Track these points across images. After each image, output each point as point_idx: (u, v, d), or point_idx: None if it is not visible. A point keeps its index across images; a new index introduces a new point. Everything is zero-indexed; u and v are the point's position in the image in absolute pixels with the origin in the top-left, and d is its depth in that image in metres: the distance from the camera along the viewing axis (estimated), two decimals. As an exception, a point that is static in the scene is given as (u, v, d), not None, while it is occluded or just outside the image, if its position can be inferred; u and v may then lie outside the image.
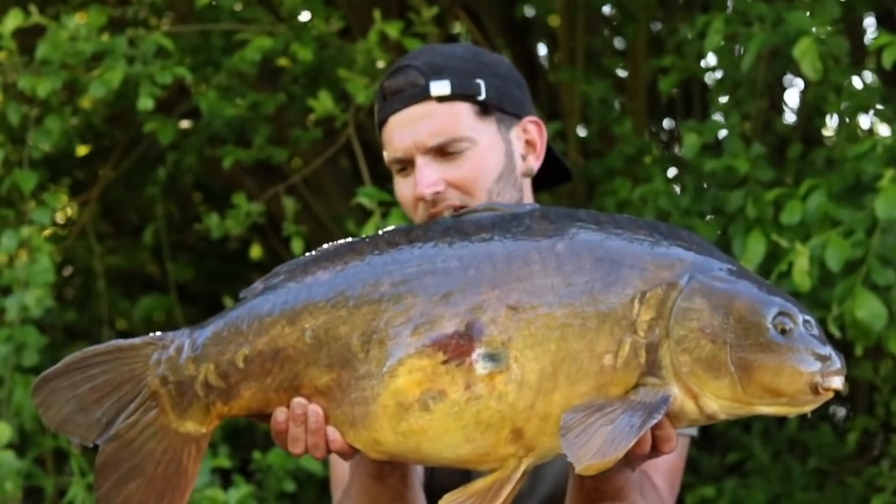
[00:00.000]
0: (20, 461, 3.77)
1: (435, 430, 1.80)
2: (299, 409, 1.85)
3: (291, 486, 3.96)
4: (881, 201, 3.00)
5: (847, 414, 4.78)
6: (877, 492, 3.85)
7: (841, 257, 3.03)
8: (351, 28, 4.46)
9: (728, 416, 1.82)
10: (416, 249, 1.85)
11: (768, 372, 1.76)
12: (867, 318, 3.00)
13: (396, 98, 2.27)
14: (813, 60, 3.18)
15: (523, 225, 1.84)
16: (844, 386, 1.84)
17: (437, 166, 2.24)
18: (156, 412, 1.88)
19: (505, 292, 1.79)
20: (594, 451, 1.71)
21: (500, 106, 2.30)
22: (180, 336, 1.90)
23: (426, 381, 1.79)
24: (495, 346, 1.78)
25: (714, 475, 4.36)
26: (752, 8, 3.47)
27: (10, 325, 3.86)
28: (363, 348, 1.82)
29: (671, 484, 2.30)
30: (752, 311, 1.78)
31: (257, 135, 4.24)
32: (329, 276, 1.86)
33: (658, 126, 5.08)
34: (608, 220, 1.85)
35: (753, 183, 3.49)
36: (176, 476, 1.88)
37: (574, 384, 1.77)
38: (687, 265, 1.81)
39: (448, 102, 2.25)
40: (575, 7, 4.52)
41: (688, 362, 1.77)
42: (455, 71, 2.27)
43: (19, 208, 4.08)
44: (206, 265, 5.24)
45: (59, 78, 3.84)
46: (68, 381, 1.87)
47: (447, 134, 2.24)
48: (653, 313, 1.78)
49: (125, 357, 1.89)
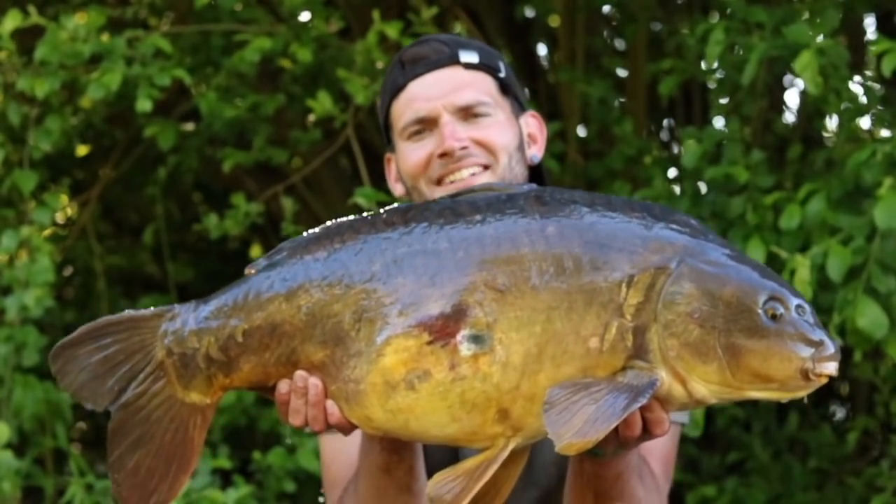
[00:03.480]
0: (18, 461, 3.77)
1: (421, 408, 1.82)
2: (300, 382, 1.88)
3: (291, 487, 3.96)
4: (880, 209, 2.99)
5: (847, 414, 4.78)
6: (877, 492, 3.85)
7: (842, 266, 3.03)
8: (350, 28, 4.46)
9: (718, 401, 1.81)
10: (410, 230, 1.86)
11: (757, 357, 1.75)
12: (868, 326, 2.99)
13: (420, 64, 2.31)
14: (814, 75, 3.18)
15: (516, 206, 1.85)
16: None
17: (462, 126, 2.27)
18: (163, 382, 1.93)
19: (492, 274, 1.81)
20: (575, 430, 1.71)
21: (514, 91, 2.35)
22: (186, 309, 1.94)
23: (411, 361, 1.81)
24: (480, 327, 1.79)
25: (714, 475, 4.36)
26: (751, 15, 3.47)
27: (10, 325, 3.87)
28: (355, 326, 1.84)
29: (665, 470, 2.30)
30: (742, 295, 1.77)
31: (257, 136, 4.24)
32: (327, 255, 1.88)
33: (658, 126, 5.08)
34: (603, 202, 1.85)
35: (753, 189, 3.49)
36: (182, 444, 1.93)
37: (559, 366, 1.78)
38: (678, 249, 1.80)
39: (474, 70, 2.30)
40: (575, 7, 4.52)
41: (675, 346, 1.77)
42: (480, 47, 2.35)
43: (19, 208, 4.08)
44: (205, 265, 5.24)
45: (57, 79, 3.84)
46: (83, 349, 1.93)
47: (477, 96, 2.28)
48: (641, 297, 1.78)
49: (136, 328, 1.94)
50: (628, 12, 4.52)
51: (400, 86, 2.33)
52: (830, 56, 3.26)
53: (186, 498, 3.54)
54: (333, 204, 4.67)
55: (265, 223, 4.50)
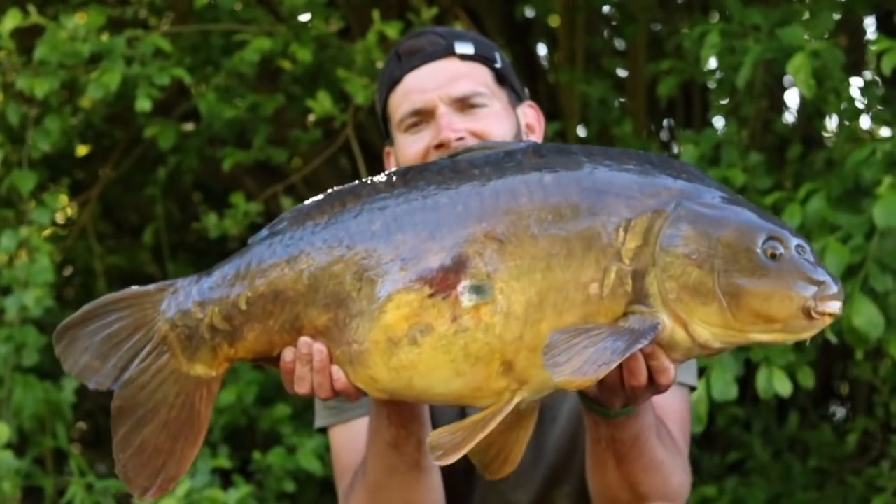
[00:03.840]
0: (18, 461, 3.77)
1: (425, 364, 1.82)
2: (305, 349, 1.89)
3: (291, 487, 3.96)
4: (879, 208, 3.00)
5: (847, 414, 4.78)
6: (877, 492, 3.85)
7: (840, 263, 3.03)
8: (350, 28, 4.46)
9: (723, 345, 1.80)
10: (410, 188, 1.88)
11: (757, 297, 1.75)
12: (864, 326, 2.99)
13: (416, 56, 2.33)
14: (807, 77, 3.18)
15: (514, 160, 1.86)
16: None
17: (458, 117, 2.29)
18: (167, 357, 1.94)
19: (491, 225, 1.81)
20: (575, 369, 1.71)
21: (511, 81, 2.37)
22: (188, 282, 1.95)
23: (413, 316, 1.82)
24: (480, 278, 1.80)
25: (715, 474, 4.36)
26: (747, 17, 3.46)
27: (9, 325, 3.87)
28: (356, 287, 1.85)
29: (683, 430, 2.31)
30: (740, 236, 1.77)
31: (257, 135, 4.24)
32: (327, 219, 1.90)
33: (658, 126, 5.08)
34: (599, 152, 1.86)
35: (751, 192, 3.49)
36: (189, 419, 1.93)
37: (561, 314, 1.79)
38: (674, 193, 1.80)
39: (470, 62, 2.33)
40: (575, 7, 4.52)
41: (674, 289, 1.76)
42: (475, 38, 2.37)
43: (19, 208, 4.08)
44: (205, 265, 5.20)
45: (57, 78, 3.84)
46: (86, 329, 1.94)
47: (472, 87, 2.30)
48: (639, 241, 1.78)
49: (139, 304, 1.95)
50: (628, 12, 4.52)
51: (396, 78, 2.35)
52: (825, 58, 3.26)
53: (187, 498, 3.54)
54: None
55: (264, 223, 4.49)
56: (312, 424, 2.28)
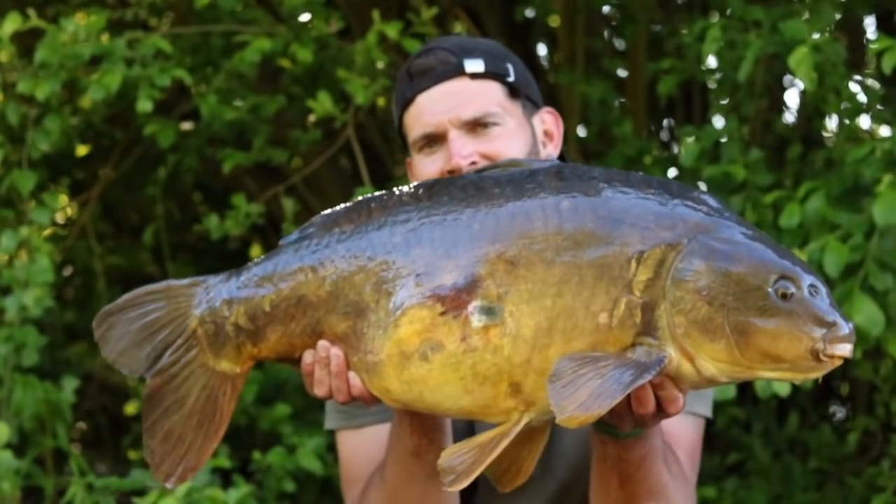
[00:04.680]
0: (18, 461, 3.77)
1: (435, 380, 1.84)
2: (323, 352, 1.92)
3: (291, 486, 3.96)
4: (879, 206, 3.00)
5: (847, 414, 4.78)
6: (877, 492, 3.85)
7: (839, 262, 3.03)
8: (350, 28, 4.45)
9: (730, 380, 1.80)
10: (433, 203, 1.90)
11: (766, 336, 1.74)
12: (865, 323, 2.99)
13: (427, 76, 2.32)
14: (808, 70, 3.18)
15: (535, 182, 1.87)
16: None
17: (470, 140, 2.29)
18: (196, 351, 1.99)
19: (504, 247, 1.82)
20: (579, 404, 1.71)
21: (525, 92, 2.36)
22: (219, 279, 2.00)
23: (425, 332, 1.84)
24: (491, 299, 1.81)
25: (715, 475, 4.36)
26: (749, 13, 3.47)
27: (9, 325, 3.86)
28: (375, 298, 1.88)
29: (692, 459, 2.31)
30: (752, 274, 1.76)
31: (257, 136, 4.24)
32: (353, 228, 1.93)
33: (658, 126, 5.08)
34: (620, 178, 1.86)
35: (752, 187, 3.49)
36: (212, 412, 1.99)
37: (569, 341, 1.79)
38: (690, 226, 1.80)
39: (481, 80, 2.32)
40: (575, 8, 4.52)
41: (683, 324, 1.76)
42: (486, 52, 2.35)
43: (19, 208, 4.08)
44: (206, 265, 5.22)
45: (57, 80, 3.84)
46: (125, 316, 2.00)
47: (483, 108, 2.29)
48: (650, 273, 1.78)
49: (174, 296, 2.00)
50: (628, 13, 4.52)
51: (409, 99, 2.35)
52: (827, 53, 3.26)
53: (187, 497, 3.54)
54: (334, 204, 4.63)
55: (265, 223, 4.49)
56: (313, 424, 2.30)
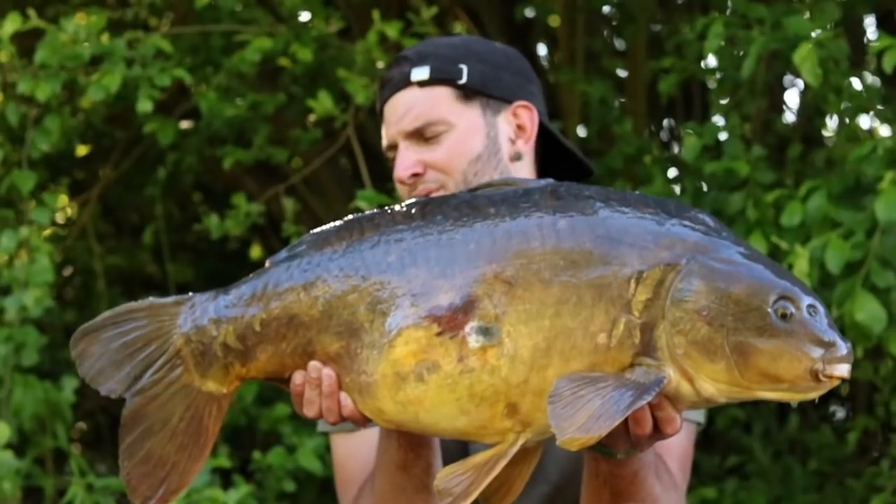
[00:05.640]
0: (18, 461, 3.77)
1: (430, 401, 1.82)
2: (314, 373, 1.89)
3: (291, 487, 3.96)
4: (881, 203, 3.00)
5: (847, 414, 4.78)
6: (877, 492, 3.85)
7: (841, 259, 3.03)
8: (350, 28, 4.46)
9: (729, 400, 1.79)
10: (426, 222, 1.88)
11: (765, 357, 1.73)
12: (867, 320, 2.99)
13: (387, 87, 2.37)
14: (813, 66, 3.18)
15: (531, 201, 1.85)
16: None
17: (417, 149, 2.31)
18: (180, 370, 1.93)
19: (501, 267, 1.80)
20: (578, 426, 1.69)
21: (484, 91, 2.35)
22: (206, 298, 1.95)
23: (421, 353, 1.81)
24: (488, 319, 1.79)
25: (715, 476, 4.36)
26: (751, 10, 3.47)
27: (9, 325, 3.86)
28: (369, 318, 1.85)
29: (683, 468, 2.30)
30: (751, 294, 1.75)
31: (257, 135, 4.24)
32: (345, 246, 1.90)
33: (658, 126, 5.08)
34: (617, 197, 1.84)
35: (754, 185, 3.49)
36: (197, 433, 1.93)
37: (568, 361, 1.78)
38: (689, 246, 1.79)
39: (428, 87, 2.32)
40: (575, 7, 4.52)
41: (683, 344, 1.75)
42: (438, 57, 2.35)
43: (19, 208, 4.08)
44: (206, 265, 5.24)
45: (58, 80, 3.84)
46: (104, 335, 1.94)
47: (424, 118, 2.31)
48: (649, 293, 1.77)
49: (157, 315, 1.95)
50: (628, 12, 4.52)
51: (379, 110, 2.40)
52: (830, 49, 3.26)
53: (187, 498, 3.54)
54: (334, 204, 4.67)
55: (265, 223, 4.49)
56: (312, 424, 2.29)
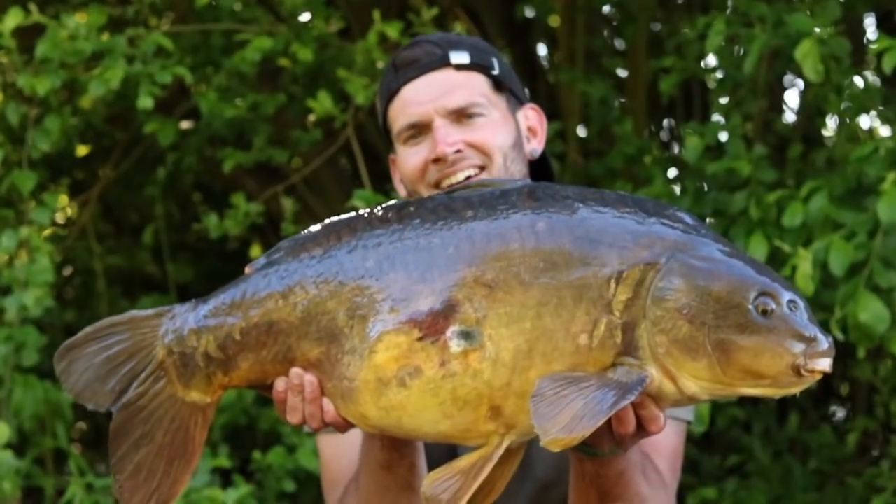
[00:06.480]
0: (18, 461, 3.77)
1: (413, 405, 1.82)
2: (296, 379, 1.89)
3: (291, 486, 3.96)
4: (883, 204, 3.00)
5: (847, 415, 4.78)
6: (877, 492, 3.85)
7: (844, 261, 3.03)
8: (350, 28, 4.46)
9: (711, 398, 1.80)
10: (404, 226, 1.86)
11: (747, 354, 1.73)
12: (870, 320, 2.99)
13: (412, 67, 2.32)
14: (815, 63, 3.18)
15: (508, 202, 1.84)
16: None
17: (455, 129, 2.28)
18: (164, 382, 1.95)
19: (481, 270, 1.80)
20: (562, 426, 1.69)
21: (509, 86, 2.35)
22: (185, 308, 1.95)
23: (402, 358, 1.81)
24: (469, 323, 1.79)
25: (715, 476, 4.36)
26: (752, 8, 3.46)
27: (9, 325, 3.86)
28: (349, 324, 1.85)
29: (672, 467, 2.29)
30: (732, 291, 1.75)
31: (257, 135, 4.24)
32: (323, 252, 1.89)
33: (658, 126, 5.08)
34: (595, 197, 1.84)
35: (755, 184, 3.49)
36: (184, 444, 1.95)
37: (550, 363, 1.77)
38: (668, 244, 1.79)
39: (466, 71, 2.31)
40: (575, 7, 4.52)
41: (664, 343, 1.75)
42: (471, 46, 2.35)
43: (19, 208, 4.08)
44: (205, 265, 5.24)
45: (58, 77, 3.84)
46: (87, 350, 1.95)
47: (467, 98, 2.29)
48: (629, 293, 1.77)
49: (138, 328, 1.96)
50: (628, 12, 4.52)
51: (394, 90, 2.34)
52: (832, 46, 3.26)
53: (186, 498, 3.54)
54: (333, 204, 4.67)
55: (265, 223, 4.49)
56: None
